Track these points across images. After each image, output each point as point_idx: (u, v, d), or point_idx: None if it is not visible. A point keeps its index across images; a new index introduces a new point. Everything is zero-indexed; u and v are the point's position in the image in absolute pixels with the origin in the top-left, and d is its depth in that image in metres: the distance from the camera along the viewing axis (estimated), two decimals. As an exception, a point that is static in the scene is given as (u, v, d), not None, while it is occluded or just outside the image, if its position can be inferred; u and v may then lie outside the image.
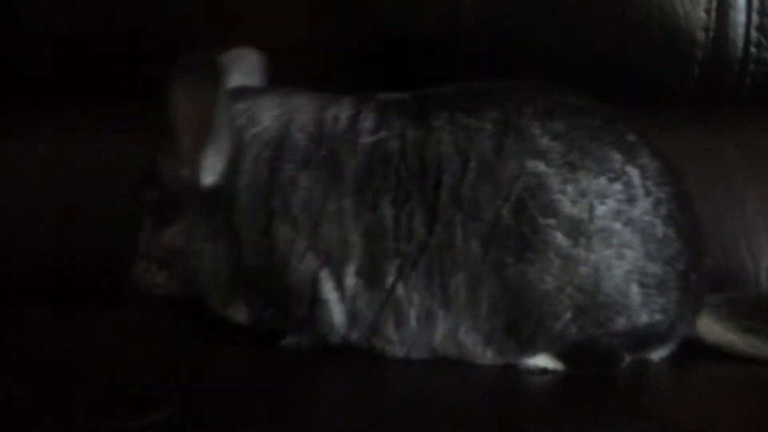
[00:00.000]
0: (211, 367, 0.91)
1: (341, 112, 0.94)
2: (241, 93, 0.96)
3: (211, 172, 0.92)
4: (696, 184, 0.95)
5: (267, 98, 0.96)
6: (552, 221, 0.87)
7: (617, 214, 0.88)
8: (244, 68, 0.99)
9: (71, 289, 1.11)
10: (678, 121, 1.12)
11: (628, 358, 0.92)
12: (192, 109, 0.90)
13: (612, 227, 0.88)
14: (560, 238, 0.87)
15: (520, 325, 0.89)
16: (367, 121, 0.92)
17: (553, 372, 0.91)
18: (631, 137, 0.91)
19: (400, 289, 0.90)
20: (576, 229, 0.87)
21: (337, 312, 0.92)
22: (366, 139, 0.92)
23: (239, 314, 0.96)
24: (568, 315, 0.88)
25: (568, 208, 0.87)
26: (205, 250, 0.94)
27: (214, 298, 0.96)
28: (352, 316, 0.92)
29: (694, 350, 0.95)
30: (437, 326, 0.90)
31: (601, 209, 0.87)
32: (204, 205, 0.93)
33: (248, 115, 0.94)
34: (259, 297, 0.94)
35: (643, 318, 0.89)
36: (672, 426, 0.81)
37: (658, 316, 0.90)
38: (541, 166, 0.88)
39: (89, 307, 1.06)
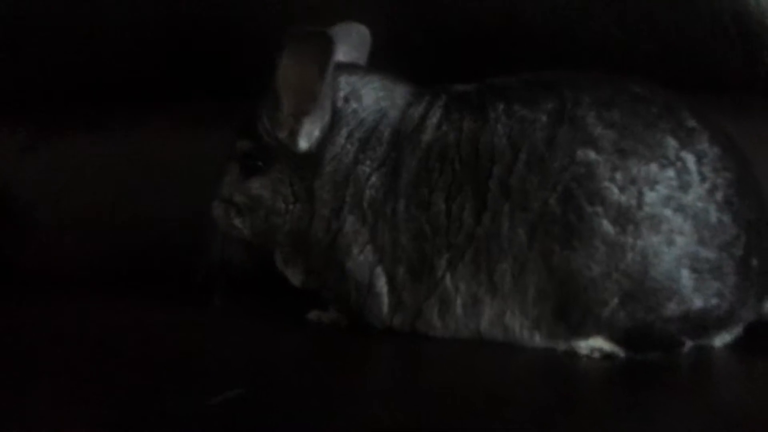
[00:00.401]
0: (275, 351, 0.95)
1: (417, 110, 0.96)
2: (349, 67, 0.99)
3: (307, 138, 0.96)
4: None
5: (373, 78, 0.98)
6: (599, 209, 0.88)
7: (667, 200, 0.88)
8: (351, 41, 1.02)
9: (141, 280, 1.18)
10: (749, 111, 1.10)
11: (688, 344, 0.91)
12: (299, 79, 0.94)
13: (662, 213, 0.88)
14: (606, 226, 0.87)
15: (568, 309, 0.89)
16: (435, 117, 0.95)
17: (612, 356, 0.90)
18: (692, 123, 0.90)
19: (448, 280, 0.92)
20: (623, 216, 0.87)
21: (385, 304, 0.95)
22: (427, 136, 0.94)
23: (296, 278, 1.01)
24: (616, 301, 0.88)
25: (615, 195, 0.87)
26: (282, 208, 0.97)
27: (278, 253, 1.00)
28: (397, 305, 0.95)
29: (761, 335, 0.94)
30: (484, 312, 0.92)
31: (650, 196, 0.88)
32: (293, 166, 0.97)
33: (352, 89, 0.97)
34: (318, 271, 0.98)
35: (698, 303, 0.89)
36: (731, 413, 0.80)
37: (713, 301, 0.89)
38: (591, 155, 0.88)
39: (158, 297, 1.12)
